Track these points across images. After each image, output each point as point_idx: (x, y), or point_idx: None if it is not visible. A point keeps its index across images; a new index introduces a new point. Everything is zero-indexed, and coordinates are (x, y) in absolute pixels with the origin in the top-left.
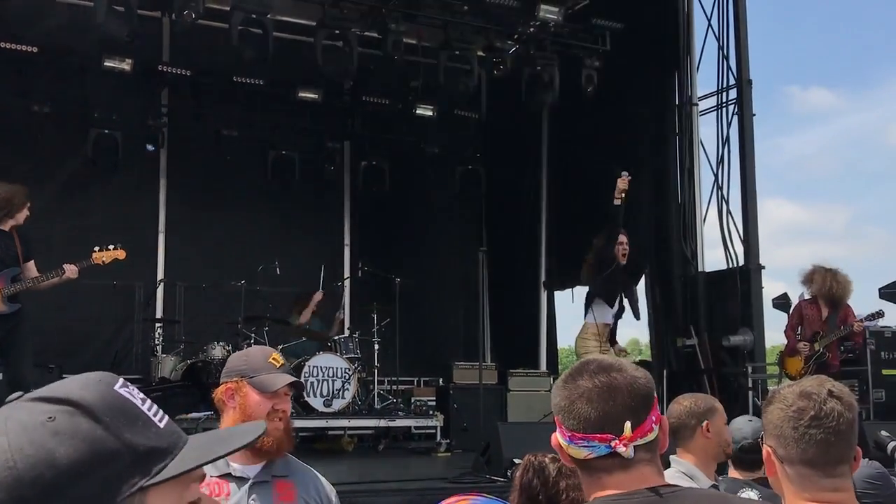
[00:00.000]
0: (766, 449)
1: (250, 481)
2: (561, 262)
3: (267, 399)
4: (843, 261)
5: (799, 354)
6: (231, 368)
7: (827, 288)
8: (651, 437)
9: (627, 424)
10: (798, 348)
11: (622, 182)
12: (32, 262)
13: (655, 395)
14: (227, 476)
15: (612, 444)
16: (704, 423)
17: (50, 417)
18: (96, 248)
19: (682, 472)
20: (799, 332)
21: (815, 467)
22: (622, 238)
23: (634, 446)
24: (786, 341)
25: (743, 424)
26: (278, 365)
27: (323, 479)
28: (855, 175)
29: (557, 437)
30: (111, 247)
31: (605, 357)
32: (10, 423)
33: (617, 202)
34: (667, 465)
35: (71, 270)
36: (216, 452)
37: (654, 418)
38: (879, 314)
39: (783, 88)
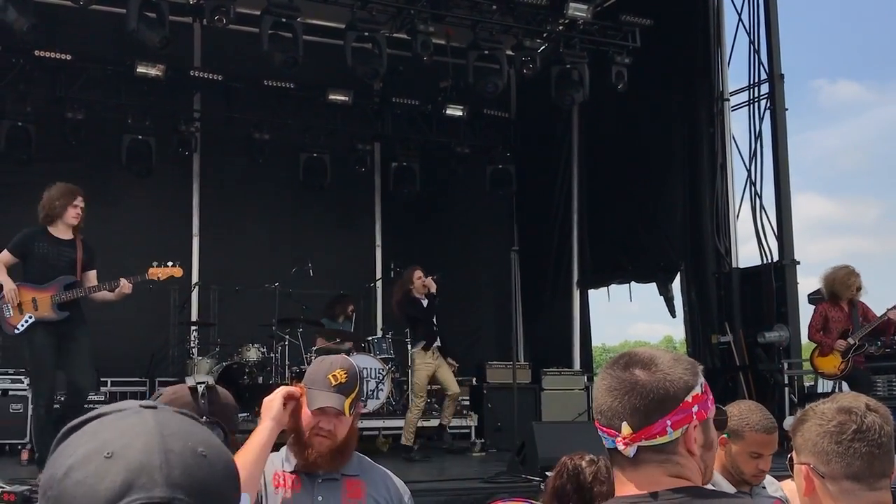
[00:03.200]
0: (802, 468)
1: (320, 478)
2: (595, 259)
3: (314, 414)
4: (875, 255)
5: (833, 353)
6: (307, 372)
7: (829, 285)
8: (661, 440)
9: (624, 424)
10: (836, 347)
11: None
12: (94, 272)
13: (688, 398)
14: (299, 471)
15: (616, 440)
16: (720, 437)
17: (219, 434)
18: (154, 264)
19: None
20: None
21: (859, 481)
22: (417, 274)
23: (640, 447)
24: (814, 344)
25: None
26: (335, 383)
27: (395, 479)
28: (886, 169)
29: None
30: (169, 263)
31: (647, 350)
32: (206, 431)
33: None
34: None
35: (125, 285)
36: None
37: (669, 422)
38: None
39: (810, 82)
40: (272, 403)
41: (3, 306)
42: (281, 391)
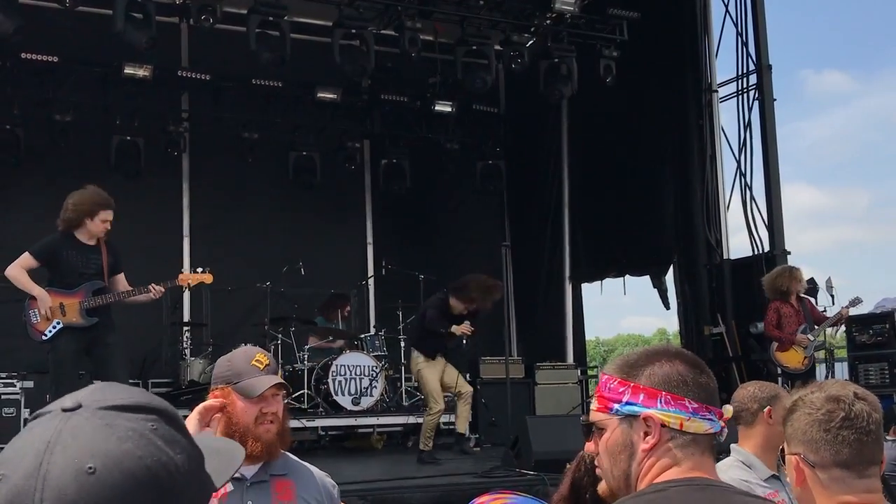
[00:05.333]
0: (793, 458)
1: (247, 482)
2: (588, 253)
3: (253, 404)
4: (865, 244)
5: (795, 347)
6: (217, 375)
7: (773, 283)
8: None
9: (728, 407)
10: (797, 341)
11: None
12: (122, 275)
13: None
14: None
15: (721, 421)
16: (766, 409)
17: (154, 426)
18: (183, 270)
19: (741, 461)
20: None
21: (849, 469)
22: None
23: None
24: (775, 340)
25: None
26: (262, 366)
27: (321, 474)
28: (874, 158)
29: (663, 414)
30: (199, 270)
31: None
32: (116, 431)
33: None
34: (728, 454)
35: (156, 291)
36: (233, 465)
37: None
38: (857, 301)
39: (797, 73)
40: (188, 424)
41: (30, 312)
42: (196, 410)
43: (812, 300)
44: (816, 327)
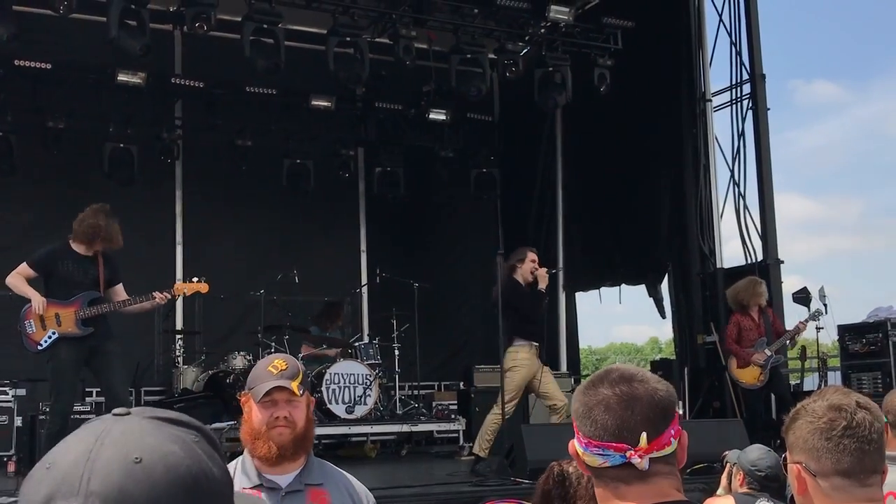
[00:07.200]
0: (795, 467)
1: (282, 491)
2: (583, 262)
3: (265, 408)
4: (858, 253)
5: (752, 364)
6: (247, 382)
7: (734, 296)
8: (668, 450)
9: (644, 435)
10: (753, 360)
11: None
12: (120, 286)
13: (678, 410)
14: (260, 486)
15: (628, 454)
16: None
17: (196, 440)
18: (178, 279)
19: None
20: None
21: (850, 477)
22: (531, 256)
23: (651, 459)
24: (733, 356)
25: (764, 454)
26: (276, 372)
27: (357, 484)
28: (866, 167)
29: (574, 444)
30: (194, 279)
31: (630, 366)
32: (164, 433)
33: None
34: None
35: (161, 297)
36: None
37: (672, 432)
38: (818, 313)
39: (787, 83)
40: None
41: (25, 322)
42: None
43: (773, 312)
44: (777, 340)
